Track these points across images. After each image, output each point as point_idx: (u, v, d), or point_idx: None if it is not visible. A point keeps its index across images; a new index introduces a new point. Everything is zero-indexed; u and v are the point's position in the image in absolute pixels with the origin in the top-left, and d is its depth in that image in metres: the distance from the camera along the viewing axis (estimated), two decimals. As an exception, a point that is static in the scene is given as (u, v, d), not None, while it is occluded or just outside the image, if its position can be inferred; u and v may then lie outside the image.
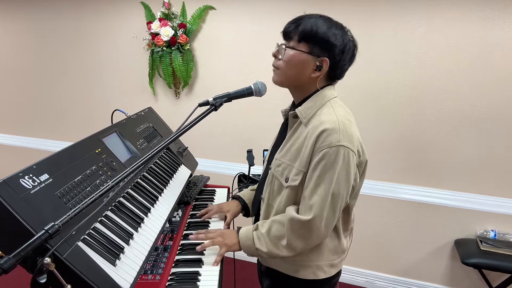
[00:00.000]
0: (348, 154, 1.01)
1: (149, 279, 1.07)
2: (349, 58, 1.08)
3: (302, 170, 1.06)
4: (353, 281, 2.48)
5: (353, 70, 1.14)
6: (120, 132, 1.36)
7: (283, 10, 2.22)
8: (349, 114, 1.11)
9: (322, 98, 1.09)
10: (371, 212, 2.32)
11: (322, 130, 1.01)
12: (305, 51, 1.04)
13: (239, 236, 1.18)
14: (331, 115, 1.04)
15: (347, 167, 1.02)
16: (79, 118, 3.03)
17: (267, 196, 1.19)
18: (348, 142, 1.01)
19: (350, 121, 1.08)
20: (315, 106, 1.09)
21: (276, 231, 1.11)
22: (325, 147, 1.00)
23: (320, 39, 1.02)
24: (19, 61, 3.09)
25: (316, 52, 1.03)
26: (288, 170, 1.10)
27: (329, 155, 1.00)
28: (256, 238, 1.14)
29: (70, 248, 0.82)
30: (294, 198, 1.11)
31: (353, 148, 1.02)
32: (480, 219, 2.10)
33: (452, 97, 2.01)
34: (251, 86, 1.21)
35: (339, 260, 1.21)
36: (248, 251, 1.16)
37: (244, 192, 1.48)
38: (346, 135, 1.01)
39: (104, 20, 2.70)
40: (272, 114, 2.42)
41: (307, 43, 1.03)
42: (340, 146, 1.00)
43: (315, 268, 1.16)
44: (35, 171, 0.89)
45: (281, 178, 1.12)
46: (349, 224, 1.21)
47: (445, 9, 1.91)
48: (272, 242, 1.11)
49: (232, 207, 1.42)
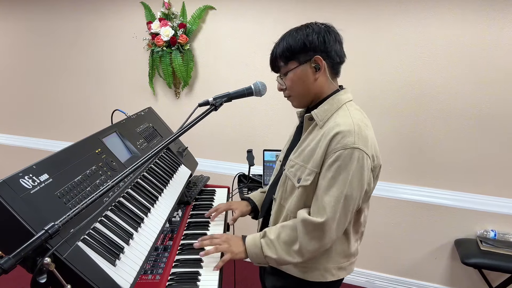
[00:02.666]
0: (362, 157, 1.00)
1: (149, 279, 1.07)
2: (334, 40, 1.08)
3: (315, 171, 1.06)
4: (353, 281, 2.48)
5: (353, 70, 1.14)
6: (120, 132, 1.36)
7: (283, 10, 2.22)
8: (365, 118, 1.11)
9: (338, 101, 1.10)
10: (371, 212, 2.30)
11: (337, 132, 1.01)
12: (296, 65, 1.08)
13: (245, 244, 1.15)
14: (347, 118, 1.04)
15: (361, 170, 1.01)
16: (79, 118, 3.03)
17: (280, 196, 1.19)
18: (363, 145, 1.01)
19: (366, 124, 1.07)
20: (331, 109, 1.09)
21: (287, 236, 1.09)
22: (339, 149, 1.00)
23: (298, 47, 1.06)
24: (19, 61, 3.09)
25: (304, 59, 1.07)
26: (301, 171, 1.10)
27: (344, 157, 1.00)
28: (265, 245, 1.11)
29: (70, 248, 0.82)
30: (305, 199, 1.10)
31: (367, 151, 1.02)
32: (480, 219, 2.10)
33: (452, 97, 2.01)
34: (251, 86, 1.21)
35: (349, 263, 1.20)
36: (256, 260, 1.14)
37: (254, 194, 1.48)
38: (361, 138, 1.01)
39: (104, 20, 2.70)
40: (272, 114, 2.42)
41: (292, 59, 1.08)
42: (355, 149, 0.99)
43: (323, 270, 1.15)
44: (35, 171, 0.89)
45: (294, 179, 1.12)
46: (360, 227, 1.20)
47: (445, 9, 1.91)
48: (283, 248, 1.09)
49: (241, 205, 1.43)
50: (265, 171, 1.83)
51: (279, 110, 2.39)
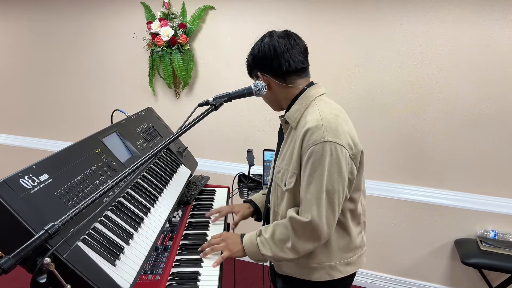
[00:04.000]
0: (335, 149, 1.01)
1: (149, 279, 1.07)
2: (282, 49, 1.09)
3: (295, 172, 1.07)
4: (353, 281, 2.48)
5: (353, 70, 1.14)
6: (120, 132, 1.36)
7: (283, 10, 2.22)
8: (334, 109, 1.10)
9: (307, 98, 1.11)
10: (371, 212, 2.31)
11: (306, 129, 1.03)
12: (254, 79, 1.19)
13: (243, 243, 1.18)
14: (315, 113, 1.06)
15: (337, 161, 1.01)
16: (79, 118, 3.03)
17: (273, 203, 1.21)
18: (334, 137, 1.01)
19: (336, 115, 1.07)
20: (301, 108, 1.10)
21: (280, 234, 1.11)
22: (310, 145, 1.02)
23: (248, 65, 1.20)
24: (19, 61, 3.09)
25: (255, 75, 1.18)
26: (286, 174, 1.12)
27: (316, 152, 1.01)
28: (260, 243, 1.14)
29: (70, 248, 0.82)
30: (294, 201, 1.12)
31: (340, 141, 1.02)
32: (480, 219, 2.10)
33: (452, 97, 2.00)
34: (251, 86, 1.20)
35: (356, 257, 1.19)
36: (253, 257, 1.16)
37: (256, 196, 1.49)
38: (330, 131, 1.01)
39: (104, 20, 2.70)
40: (272, 114, 2.42)
41: (251, 76, 1.22)
42: (325, 142, 1.00)
43: (328, 268, 1.15)
44: (35, 171, 0.89)
45: (281, 184, 1.14)
46: (359, 218, 1.19)
47: (445, 9, 1.91)
48: (277, 246, 1.11)
49: (243, 208, 1.43)
50: (265, 171, 1.83)
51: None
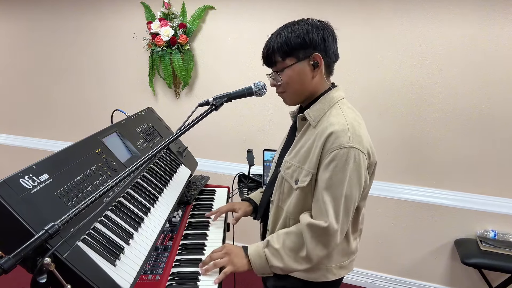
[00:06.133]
0: (358, 156, 1.00)
1: (149, 279, 1.07)
2: (332, 39, 1.07)
3: (312, 172, 1.05)
4: (353, 281, 2.48)
5: (353, 70, 1.14)
6: (120, 132, 1.36)
7: (283, 10, 2.22)
8: (358, 116, 1.11)
9: (331, 100, 1.09)
10: (371, 212, 2.32)
11: (331, 132, 1.01)
12: (294, 62, 1.05)
13: (248, 255, 1.11)
14: (340, 117, 1.04)
15: (358, 168, 1.01)
16: (79, 118, 3.03)
17: (277, 198, 1.18)
18: (358, 144, 1.01)
19: (359, 123, 1.07)
20: (323, 108, 1.08)
21: (292, 243, 1.07)
22: (335, 149, 1.00)
23: (298, 43, 1.03)
24: (19, 61, 3.09)
25: (303, 56, 1.04)
26: (297, 172, 1.09)
27: (340, 157, 0.99)
28: (270, 254, 1.08)
29: (70, 248, 0.82)
30: (304, 200, 1.09)
31: (363, 149, 1.02)
32: (480, 219, 2.10)
33: (453, 97, 2.01)
34: (251, 86, 1.20)
35: (349, 261, 1.20)
36: (260, 270, 1.10)
37: (254, 194, 1.48)
38: (355, 137, 1.01)
39: (104, 20, 2.70)
40: (272, 114, 2.42)
41: (291, 55, 1.05)
42: (350, 148, 0.99)
43: (324, 270, 1.15)
44: (35, 171, 0.89)
45: (291, 180, 1.11)
46: (358, 225, 1.20)
47: (445, 9, 1.91)
48: (289, 256, 1.06)
49: (244, 206, 1.42)
50: (265, 171, 1.83)
51: (279, 110, 2.39)
